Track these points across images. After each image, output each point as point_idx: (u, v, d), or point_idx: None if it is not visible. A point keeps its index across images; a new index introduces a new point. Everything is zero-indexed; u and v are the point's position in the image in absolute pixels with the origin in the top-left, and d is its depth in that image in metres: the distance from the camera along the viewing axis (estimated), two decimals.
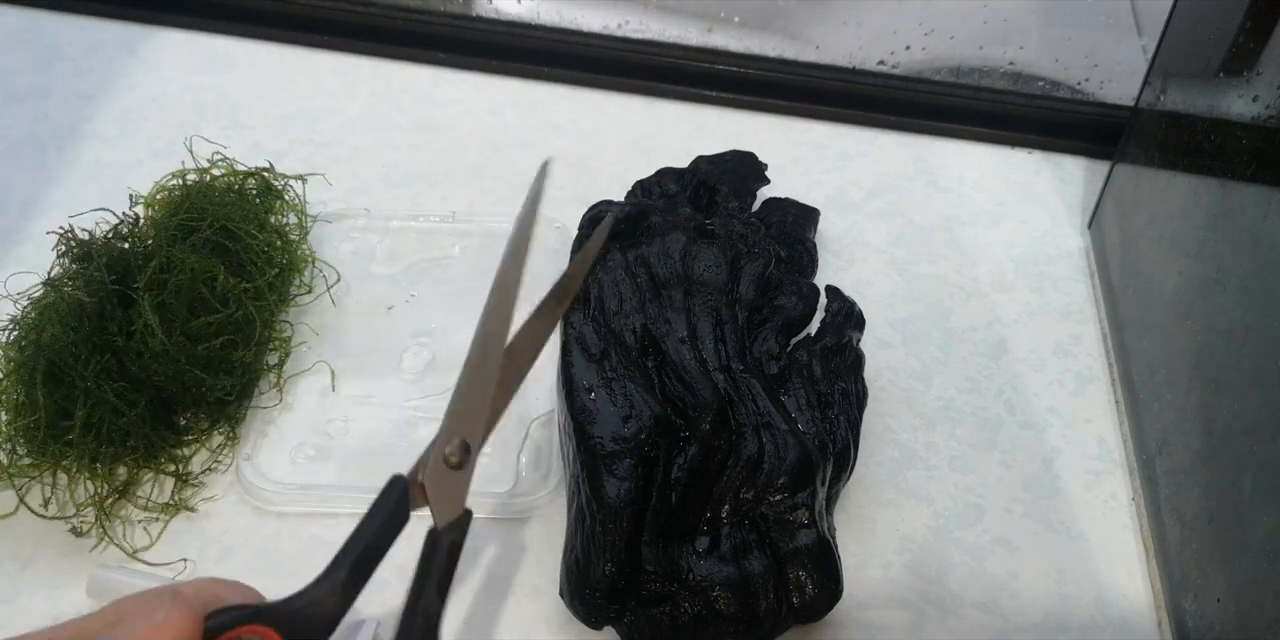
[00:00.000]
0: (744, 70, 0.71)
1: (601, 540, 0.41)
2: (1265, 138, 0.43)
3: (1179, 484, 0.46)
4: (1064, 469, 0.52)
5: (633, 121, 0.70)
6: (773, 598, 0.41)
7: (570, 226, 0.55)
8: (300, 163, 0.64)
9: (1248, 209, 0.43)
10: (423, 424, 0.51)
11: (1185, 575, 0.45)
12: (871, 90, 0.71)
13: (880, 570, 0.47)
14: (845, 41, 0.73)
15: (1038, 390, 0.55)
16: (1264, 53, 0.45)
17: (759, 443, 0.44)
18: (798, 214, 0.59)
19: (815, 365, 0.49)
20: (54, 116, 0.67)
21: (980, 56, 0.74)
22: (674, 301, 0.49)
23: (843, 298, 0.54)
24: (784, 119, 0.71)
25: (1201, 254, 0.47)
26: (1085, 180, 0.68)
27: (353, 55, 0.73)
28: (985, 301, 0.60)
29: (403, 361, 0.53)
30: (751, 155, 0.62)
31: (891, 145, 0.70)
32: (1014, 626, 0.46)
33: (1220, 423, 0.43)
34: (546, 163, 0.37)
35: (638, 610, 0.41)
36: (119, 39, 0.72)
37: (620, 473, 0.42)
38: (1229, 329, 0.43)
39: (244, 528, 0.47)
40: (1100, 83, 0.72)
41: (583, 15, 0.74)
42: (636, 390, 0.44)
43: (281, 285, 0.53)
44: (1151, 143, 0.56)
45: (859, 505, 0.49)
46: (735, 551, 0.42)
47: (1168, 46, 0.56)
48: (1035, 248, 0.63)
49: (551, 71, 0.72)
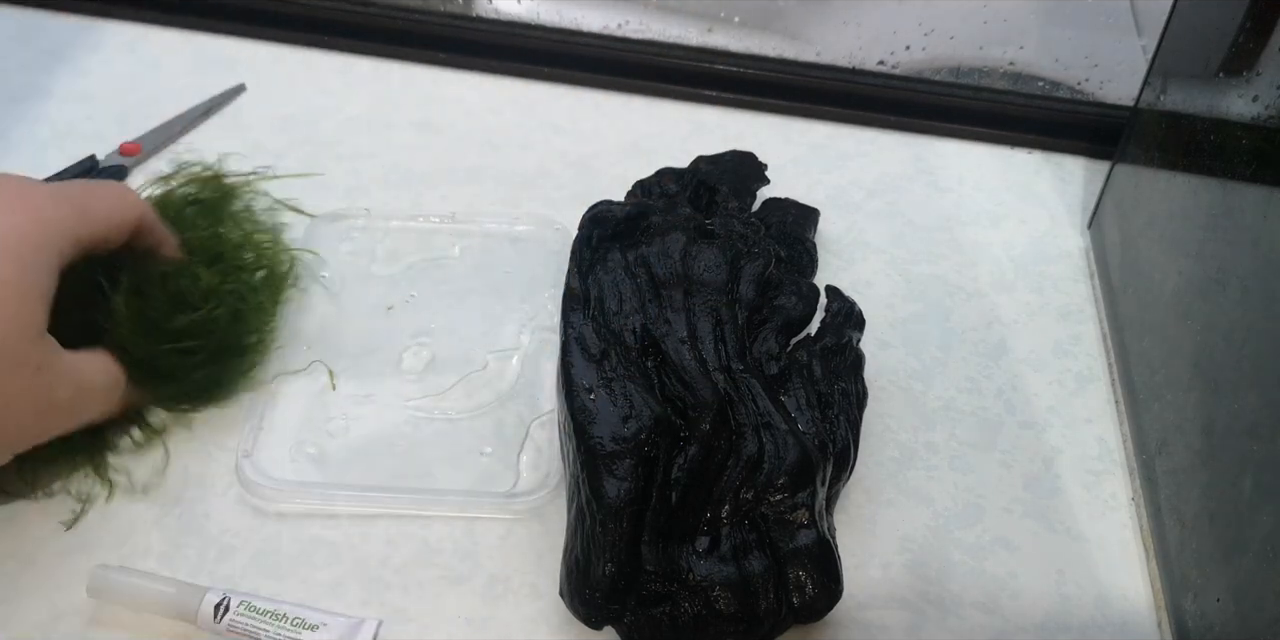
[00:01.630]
0: (744, 70, 0.71)
1: (601, 540, 0.41)
2: (1265, 138, 0.43)
3: (1179, 484, 0.46)
4: (1064, 469, 0.52)
5: (633, 121, 0.70)
6: (773, 598, 0.41)
7: (570, 226, 0.55)
8: (300, 163, 0.64)
9: (1248, 209, 0.43)
10: (423, 424, 0.51)
11: (1185, 575, 0.45)
12: (871, 90, 0.71)
13: (880, 570, 0.47)
14: (845, 41, 0.73)
15: (1038, 390, 0.55)
16: (1264, 53, 0.45)
17: (759, 443, 0.44)
18: (798, 214, 0.59)
19: (815, 365, 0.49)
20: (54, 117, 0.67)
21: (980, 56, 0.74)
22: (674, 301, 0.49)
23: (843, 298, 0.54)
24: (784, 119, 0.71)
25: (1201, 254, 0.47)
26: (1085, 180, 0.68)
27: (353, 55, 0.73)
28: (985, 301, 0.60)
29: (403, 361, 0.53)
30: (751, 155, 0.62)
31: (891, 145, 0.70)
32: (1014, 626, 0.46)
33: (1220, 423, 0.43)
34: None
35: (638, 610, 0.41)
36: (119, 39, 0.72)
37: (620, 473, 0.42)
38: (1229, 329, 0.43)
39: (243, 527, 0.47)
40: (1100, 83, 0.72)
41: (583, 15, 0.74)
42: (636, 390, 0.44)
43: (267, 287, 0.52)
44: (1151, 143, 0.56)
45: (859, 505, 0.49)
46: (735, 551, 0.42)
47: (1168, 46, 0.56)
48: (1035, 248, 0.63)
49: (551, 71, 0.72)
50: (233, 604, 0.42)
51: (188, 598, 0.42)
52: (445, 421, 0.51)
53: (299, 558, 0.46)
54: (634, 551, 0.41)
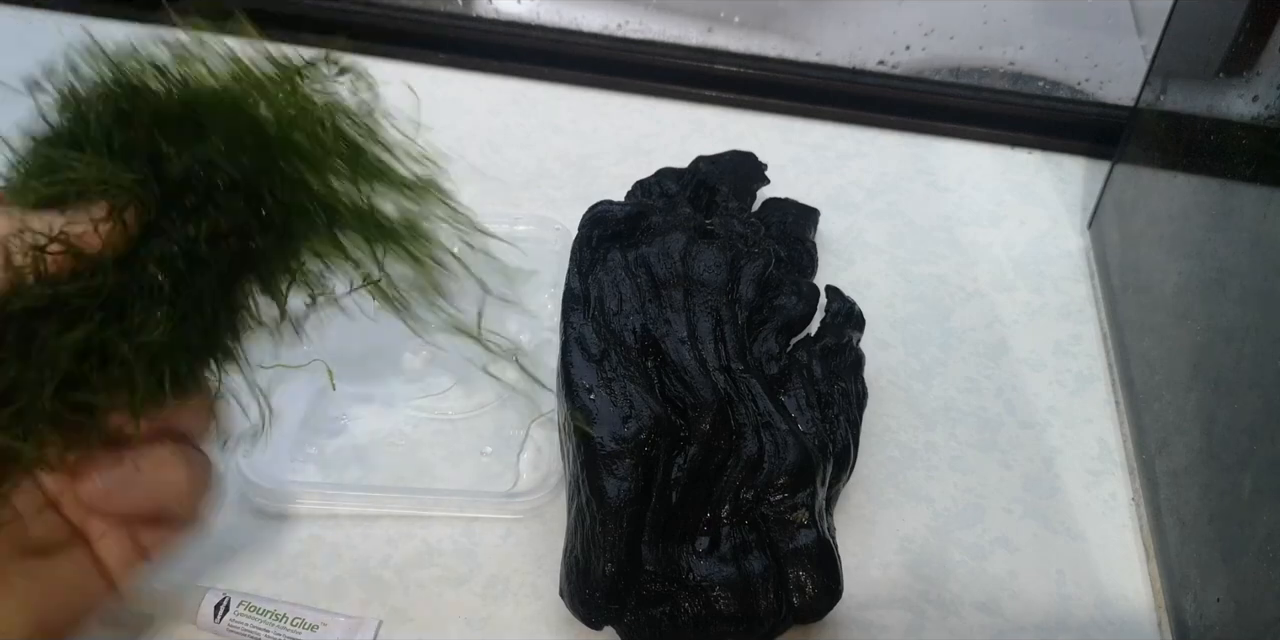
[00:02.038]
0: (744, 70, 0.71)
1: (601, 540, 0.41)
2: (1265, 138, 0.43)
3: (1179, 484, 0.46)
4: (1064, 469, 0.52)
5: (633, 121, 0.70)
6: (773, 598, 0.41)
7: (570, 226, 0.55)
8: None
9: (1248, 209, 0.43)
10: (423, 424, 0.51)
11: (1185, 575, 0.45)
12: (871, 90, 0.71)
13: (880, 570, 0.47)
14: (845, 41, 0.73)
15: (1038, 390, 0.55)
16: (1264, 53, 0.45)
17: (759, 443, 0.44)
18: (798, 214, 0.59)
19: (815, 365, 0.49)
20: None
21: (980, 56, 0.74)
22: (674, 301, 0.49)
23: (843, 298, 0.54)
24: (784, 119, 0.71)
25: (1201, 254, 0.47)
26: (1085, 180, 0.68)
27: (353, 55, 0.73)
28: (985, 301, 0.60)
29: (403, 361, 0.53)
30: (751, 155, 0.62)
31: (891, 145, 0.70)
32: (1014, 626, 0.46)
33: (1220, 423, 0.43)
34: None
35: (638, 610, 0.41)
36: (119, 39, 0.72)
37: (620, 473, 0.42)
38: (1229, 329, 0.43)
39: (244, 527, 0.47)
40: (1100, 83, 0.72)
41: (583, 15, 0.74)
42: (636, 390, 0.44)
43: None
44: (1151, 143, 0.56)
45: (859, 505, 0.49)
46: (735, 551, 0.42)
47: (1168, 46, 0.56)
48: (1035, 248, 0.63)
49: (551, 71, 0.72)
50: (233, 604, 0.42)
51: (188, 598, 0.42)
52: (445, 421, 0.51)
53: (299, 558, 0.46)
54: (634, 551, 0.41)
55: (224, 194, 0.33)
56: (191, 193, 0.32)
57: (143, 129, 0.33)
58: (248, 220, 0.33)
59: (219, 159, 0.33)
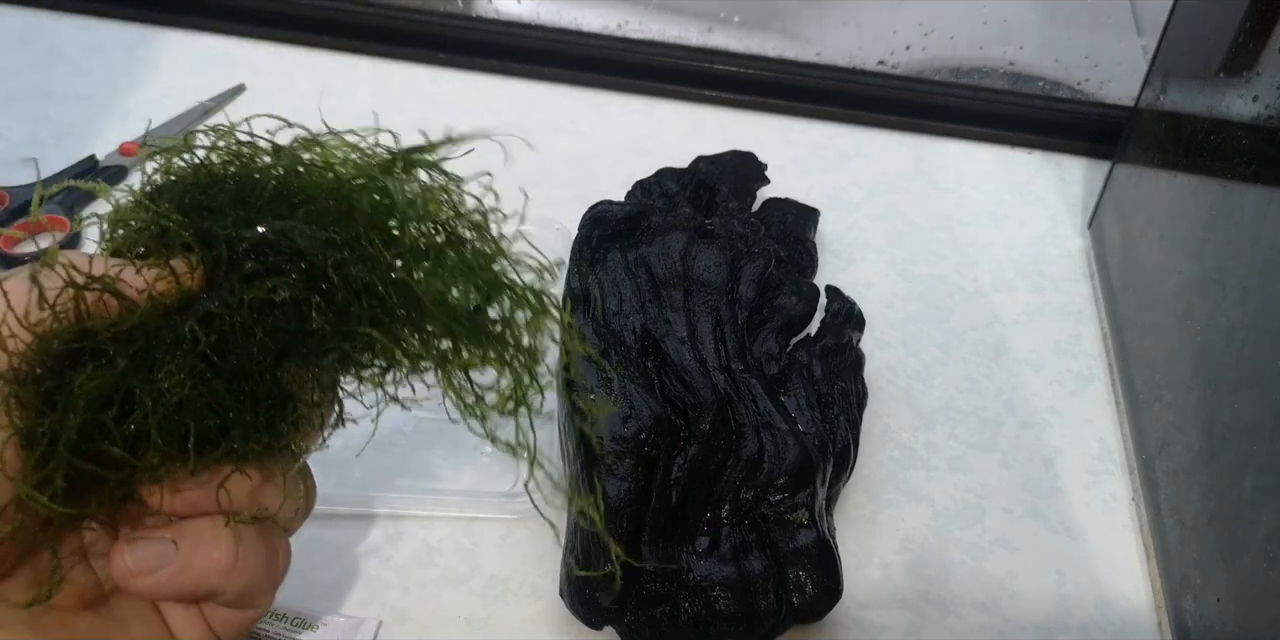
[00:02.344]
0: (744, 70, 0.71)
1: (602, 540, 0.41)
2: (1265, 138, 0.43)
3: (1179, 484, 0.46)
4: (1064, 469, 0.52)
5: (633, 121, 0.70)
6: (773, 598, 0.41)
7: (570, 226, 0.55)
8: None
9: (1248, 209, 0.43)
10: (423, 424, 0.51)
11: (1185, 575, 0.45)
12: (871, 90, 0.71)
13: (880, 570, 0.47)
14: (845, 41, 0.73)
15: (1038, 390, 0.55)
16: (1264, 53, 0.45)
17: (759, 443, 0.44)
18: (798, 214, 0.59)
19: (815, 365, 0.49)
20: (54, 117, 0.67)
21: (980, 56, 0.74)
22: (674, 301, 0.49)
23: (843, 298, 0.54)
24: (784, 119, 0.71)
25: (1201, 254, 0.47)
26: (1085, 180, 0.68)
27: (353, 55, 0.73)
28: (985, 301, 0.60)
29: None
30: (751, 155, 0.62)
31: (891, 145, 0.70)
32: (1014, 626, 0.46)
33: (1220, 423, 0.43)
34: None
35: (638, 610, 0.41)
36: (119, 39, 0.72)
37: (620, 473, 0.42)
38: (1229, 329, 0.43)
39: None
40: (1100, 83, 0.72)
41: (583, 15, 0.74)
42: (636, 390, 0.44)
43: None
44: (1151, 143, 0.56)
45: (859, 505, 0.49)
46: (735, 551, 0.42)
47: (1168, 46, 0.56)
48: (1035, 248, 0.63)
49: (551, 71, 0.72)
50: None
51: None
52: (445, 421, 0.51)
53: (299, 558, 0.46)
54: (634, 551, 0.41)
55: (285, 261, 0.31)
56: (252, 259, 0.32)
57: (228, 194, 0.32)
58: (305, 293, 0.32)
59: (289, 228, 0.31)
